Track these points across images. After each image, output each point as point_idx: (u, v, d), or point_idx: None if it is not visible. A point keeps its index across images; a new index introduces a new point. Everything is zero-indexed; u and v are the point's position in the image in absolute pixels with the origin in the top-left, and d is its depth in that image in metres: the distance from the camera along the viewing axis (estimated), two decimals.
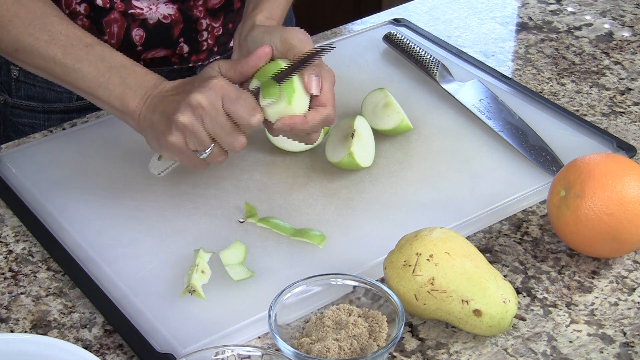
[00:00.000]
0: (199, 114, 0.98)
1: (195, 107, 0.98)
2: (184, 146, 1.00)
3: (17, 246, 1.05)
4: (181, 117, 0.98)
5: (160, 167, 1.08)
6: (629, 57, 1.37)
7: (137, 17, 1.22)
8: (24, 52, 1.08)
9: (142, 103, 1.03)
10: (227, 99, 0.98)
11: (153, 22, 1.23)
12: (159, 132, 1.01)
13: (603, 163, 0.99)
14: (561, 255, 1.03)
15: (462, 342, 0.92)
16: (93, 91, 1.06)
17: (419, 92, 1.28)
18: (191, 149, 1.01)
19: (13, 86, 1.31)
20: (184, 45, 1.27)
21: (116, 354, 0.92)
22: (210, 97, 0.98)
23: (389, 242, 0.96)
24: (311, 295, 0.93)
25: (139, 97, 1.04)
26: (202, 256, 0.98)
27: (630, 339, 0.93)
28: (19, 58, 1.10)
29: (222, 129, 0.98)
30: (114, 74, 1.05)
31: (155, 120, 1.01)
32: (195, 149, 1.00)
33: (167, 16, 1.23)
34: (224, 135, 0.99)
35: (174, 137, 1.00)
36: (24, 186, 1.12)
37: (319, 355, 0.86)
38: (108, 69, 1.05)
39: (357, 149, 1.11)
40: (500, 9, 1.50)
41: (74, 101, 1.30)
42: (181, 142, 1.00)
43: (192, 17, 1.25)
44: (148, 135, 1.04)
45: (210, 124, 0.98)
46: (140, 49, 1.25)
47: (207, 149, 1.00)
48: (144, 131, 1.04)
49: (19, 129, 1.34)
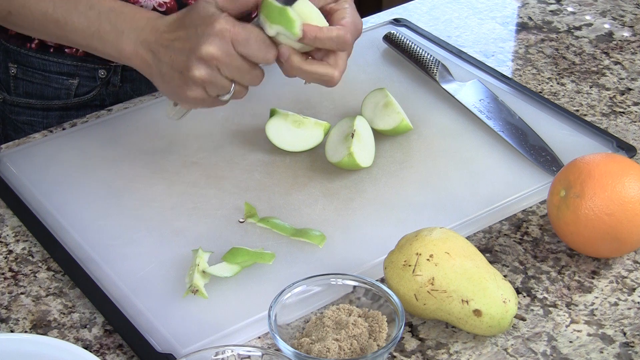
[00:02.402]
0: (214, 65, 0.97)
1: (208, 59, 0.97)
2: (205, 96, 1.00)
3: (17, 246, 1.05)
4: (197, 72, 0.97)
5: (179, 113, 1.08)
6: (629, 57, 1.37)
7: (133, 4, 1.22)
8: (17, 13, 1.07)
9: (138, 46, 1.02)
10: (237, 43, 0.97)
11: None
12: (175, 86, 1.00)
13: (603, 163, 0.98)
14: (561, 255, 1.03)
15: (462, 342, 0.92)
16: (88, 42, 1.05)
17: (419, 92, 1.28)
18: (213, 96, 1.00)
19: (11, 84, 1.31)
20: None
21: (116, 354, 0.92)
22: (221, 45, 0.96)
23: (389, 242, 0.96)
24: (311, 295, 0.93)
25: (133, 41, 1.02)
26: (201, 256, 0.98)
27: (630, 339, 0.93)
28: (13, 22, 1.09)
29: (240, 71, 0.98)
30: (103, 20, 1.03)
31: (166, 73, 1.00)
32: (217, 95, 1.00)
33: (162, 4, 1.23)
34: (243, 75, 0.98)
35: (193, 92, 0.99)
36: (24, 186, 1.12)
37: (319, 355, 0.86)
38: (97, 16, 1.04)
39: (357, 149, 1.11)
40: (500, 9, 1.50)
41: (72, 98, 1.30)
42: (201, 94, 0.99)
43: (188, 4, 1.25)
44: (161, 86, 1.03)
45: (228, 70, 0.98)
46: None
47: (229, 92, 1.00)
48: (153, 77, 1.03)
49: (18, 126, 1.34)
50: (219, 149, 1.17)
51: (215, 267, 0.97)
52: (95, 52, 1.06)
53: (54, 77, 1.28)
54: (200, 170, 1.14)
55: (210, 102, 1.02)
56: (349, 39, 1.01)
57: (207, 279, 0.97)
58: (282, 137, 1.15)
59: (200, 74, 0.97)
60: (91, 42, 1.04)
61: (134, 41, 1.02)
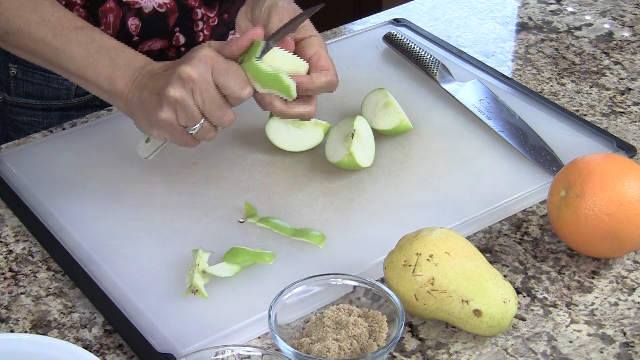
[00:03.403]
0: (189, 87, 0.97)
1: (185, 80, 0.97)
2: (174, 122, 0.99)
3: (17, 246, 1.05)
4: (172, 90, 0.97)
5: (149, 150, 1.07)
6: (629, 57, 1.37)
7: (133, 6, 1.22)
8: (14, 34, 1.08)
9: (130, 83, 1.02)
10: (217, 71, 0.97)
11: (148, 11, 1.23)
12: (150, 109, 1.00)
13: (603, 163, 0.98)
14: (561, 255, 1.03)
15: (462, 342, 0.92)
16: (82, 72, 1.05)
17: (419, 92, 1.28)
18: (181, 125, 1.00)
19: (11, 84, 1.31)
20: (180, 35, 1.27)
21: (116, 354, 0.92)
22: (200, 69, 0.97)
23: (389, 242, 0.96)
24: (311, 295, 0.93)
25: (128, 78, 1.03)
26: (201, 256, 0.98)
27: (630, 339, 0.93)
28: (9, 41, 1.10)
29: (212, 102, 0.98)
30: (103, 54, 1.04)
31: (145, 98, 1.01)
32: (186, 125, 1.00)
33: (162, 5, 1.23)
34: (213, 110, 0.98)
35: (164, 113, 0.99)
36: (24, 186, 1.12)
37: (319, 355, 0.86)
38: (97, 50, 1.05)
39: (357, 149, 1.11)
40: (500, 9, 1.50)
41: (72, 98, 1.30)
42: (172, 117, 0.99)
43: (187, 6, 1.25)
44: (137, 115, 1.03)
45: (200, 97, 0.97)
46: (137, 40, 1.25)
47: (197, 124, 0.99)
48: (132, 111, 1.03)
49: (18, 127, 1.34)
50: (219, 149, 1.17)
51: (215, 267, 0.97)
52: (85, 82, 1.06)
53: (54, 78, 1.29)
54: (200, 170, 1.14)
55: (179, 133, 1.00)
56: (336, 81, 1.03)
57: (207, 279, 0.97)
58: (282, 137, 1.15)
59: (174, 93, 0.97)
60: (85, 72, 1.05)
61: (129, 77, 1.03)
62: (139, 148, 1.07)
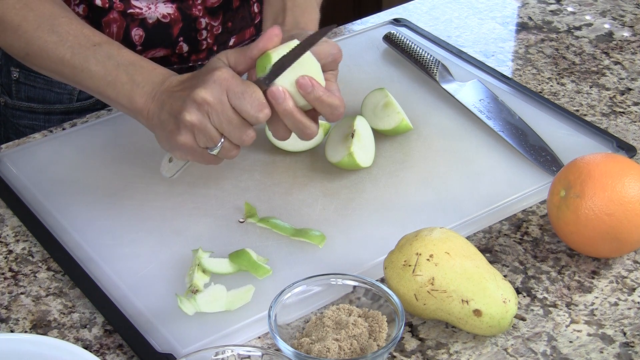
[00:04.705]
0: (205, 110, 0.96)
1: (200, 103, 0.96)
2: (194, 145, 0.98)
3: (17, 246, 1.05)
4: (187, 115, 0.96)
5: (172, 169, 1.06)
6: (629, 57, 1.37)
7: (136, 16, 1.22)
8: (34, 55, 1.07)
9: (150, 100, 1.02)
10: (232, 94, 0.95)
11: (152, 21, 1.23)
12: (168, 132, 0.99)
13: (603, 163, 0.98)
14: (561, 255, 1.03)
15: (462, 342, 0.92)
16: (102, 90, 1.05)
17: (419, 92, 1.28)
18: (201, 147, 0.99)
19: (13, 88, 1.31)
20: (184, 44, 1.27)
21: (116, 354, 0.92)
22: (215, 91, 0.95)
23: (389, 242, 0.96)
24: (311, 295, 0.93)
25: (147, 94, 1.02)
26: (201, 256, 0.98)
27: (630, 339, 0.93)
28: (31, 62, 1.09)
29: (230, 123, 0.96)
30: (121, 71, 1.03)
31: (164, 120, 1.00)
32: (206, 146, 0.99)
33: (166, 15, 1.23)
34: (232, 130, 0.97)
35: (182, 137, 0.98)
36: (24, 186, 1.12)
37: (319, 355, 0.86)
38: (115, 67, 1.04)
39: (357, 149, 1.11)
40: (500, 9, 1.50)
41: (74, 102, 1.30)
42: (191, 141, 0.98)
43: (191, 16, 1.25)
44: (158, 135, 1.02)
45: (218, 120, 0.96)
46: (140, 49, 1.25)
47: (217, 145, 0.98)
48: (154, 130, 1.03)
49: (20, 130, 1.34)
50: None
51: (214, 261, 0.97)
52: (107, 99, 1.06)
53: (56, 82, 1.28)
54: (200, 170, 1.13)
55: (200, 154, 1.00)
56: (341, 113, 1.00)
57: (206, 278, 0.97)
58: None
59: (190, 118, 0.96)
60: (105, 90, 1.04)
61: (148, 94, 1.02)
62: (163, 167, 1.07)
